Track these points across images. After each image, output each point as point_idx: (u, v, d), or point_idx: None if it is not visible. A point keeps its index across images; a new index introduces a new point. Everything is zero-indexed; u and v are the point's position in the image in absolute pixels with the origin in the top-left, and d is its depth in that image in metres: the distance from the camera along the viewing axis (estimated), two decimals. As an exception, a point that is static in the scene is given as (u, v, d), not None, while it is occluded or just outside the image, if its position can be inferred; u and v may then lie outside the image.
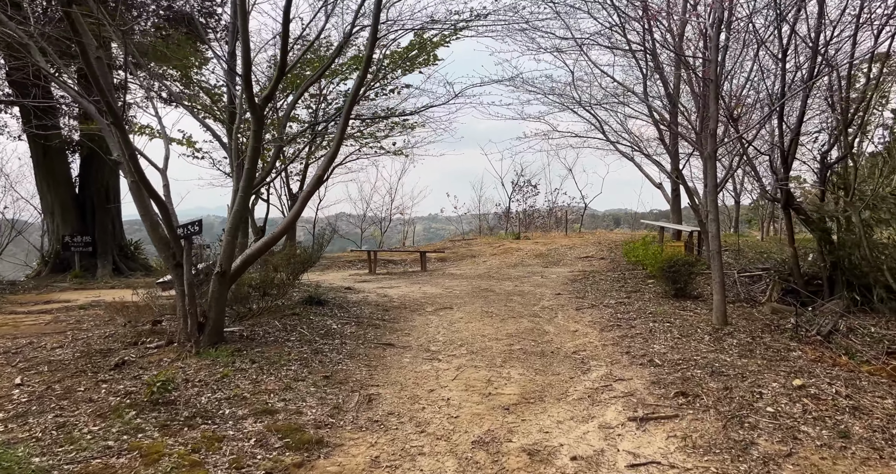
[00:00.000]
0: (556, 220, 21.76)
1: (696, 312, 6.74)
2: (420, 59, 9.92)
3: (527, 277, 10.30)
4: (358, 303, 7.22)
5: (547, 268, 12.07)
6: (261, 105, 4.73)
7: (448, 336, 5.83)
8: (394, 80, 10.25)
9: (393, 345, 5.33)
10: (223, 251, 4.60)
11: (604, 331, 6.06)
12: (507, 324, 6.35)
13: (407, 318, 6.58)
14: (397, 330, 5.97)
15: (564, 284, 9.24)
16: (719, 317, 6.00)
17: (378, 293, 8.28)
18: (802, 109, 6.88)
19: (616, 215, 42.34)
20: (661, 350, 5.28)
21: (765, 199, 16.18)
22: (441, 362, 4.93)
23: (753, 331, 5.90)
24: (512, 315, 6.84)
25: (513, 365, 4.89)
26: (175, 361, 4.15)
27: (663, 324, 6.18)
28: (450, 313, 6.95)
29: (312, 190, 5.05)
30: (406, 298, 7.89)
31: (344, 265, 13.79)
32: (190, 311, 4.35)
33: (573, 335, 5.92)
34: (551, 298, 7.95)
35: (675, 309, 6.95)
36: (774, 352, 5.18)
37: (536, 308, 7.29)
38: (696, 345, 5.42)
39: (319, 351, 4.80)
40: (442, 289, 8.90)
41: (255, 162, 4.76)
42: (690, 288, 7.63)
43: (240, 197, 4.67)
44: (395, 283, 9.79)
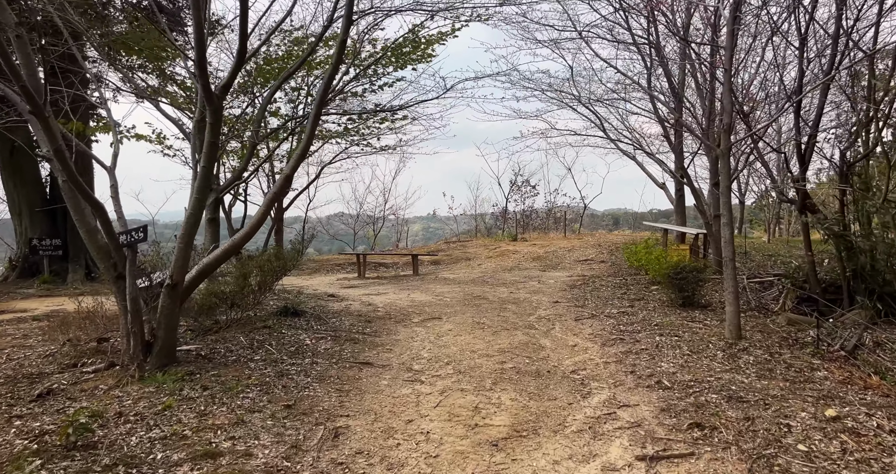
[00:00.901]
0: (555, 221, 21.21)
1: (705, 324, 6.19)
2: (414, 56, 9.38)
3: (523, 282, 9.75)
4: (339, 314, 6.67)
5: (545, 271, 11.52)
6: (218, 95, 4.18)
7: (434, 352, 5.28)
8: (384, 76, 9.69)
9: (371, 363, 4.78)
10: (174, 260, 4.04)
11: (605, 345, 5.52)
12: (499, 338, 5.80)
13: (390, 331, 6.02)
14: (378, 345, 5.42)
15: (563, 291, 8.69)
16: (733, 331, 5.46)
17: (363, 301, 7.72)
18: (821, 103, 6.34)
19: (615, 215, 41.84)
20: (670, 369, 4.74)
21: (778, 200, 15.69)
22: (424, 384, 4.38)
23: (770, 346, 5.36)
24: (505, 326, 6.29)
25: (504, 387, 4.34)
26: (113, 389, 3.60)
27: (671, 337, 5.63)
28: (438, 324, 6.40)
29: (280, 190, 4.50)
30: (392, 307, 7.34)
31: (333, 268, 13.24)
32: (133, 330, 3.80)
33: (572, 350, 5.38)
34: (548, 307, 7.40)
35: (683, 320, 6.40)
36: (797, 372, 4.63)
37: (532, 318, 6.74)
38: (708, 362, 4.88)
39: (285, 373, 4.25)
40: (432, 296, 8.35)
41: (213, 159, 4.21)
42: (699, 296, 7.08)
43: (194, 199, 4.12)
44: (383, 289, 9.24)
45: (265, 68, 8.12)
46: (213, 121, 4.15)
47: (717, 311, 6.90)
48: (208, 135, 4.15)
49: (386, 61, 8.95)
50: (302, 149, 4.54)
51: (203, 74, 3.96)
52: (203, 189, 4.12)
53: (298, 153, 4.55)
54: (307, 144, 4.54)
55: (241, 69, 4.38)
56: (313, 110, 4.56)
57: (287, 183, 4.50)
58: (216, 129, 4.17)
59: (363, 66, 8.67)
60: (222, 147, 7.69)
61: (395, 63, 9.25)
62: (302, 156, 4.55)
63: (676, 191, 12.17)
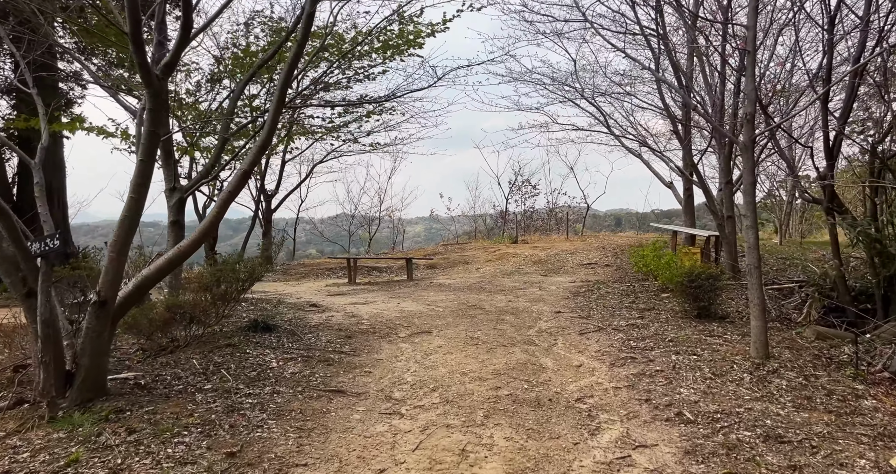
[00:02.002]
0: (557, 222, 20.55)
1: (726, 339, 5.52)
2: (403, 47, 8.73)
3: (523, 289, 9.09)
4: (316, 328, 6.01)
5: (546, 276, 10.86)
6: (160, 75, 3.53)
7: (419, 374, 4.62)
8: (372, 68, 9.04)
9: (344, 391, 4.12)
10: (103, 273, 3.39)
11: (615, 365, 4.85)
12: (494, 356, 5.14)
13: (372, 348, 5.36)
14: (356, 366, 4.76)
15: (565, 299, 8.02)
16: (759, 349, 4.79)
17: (347, 312, 7.06)
18: (851, 93, 5.67)
19: (618, 215, 41.22)
20: (692, 396, 4.07)
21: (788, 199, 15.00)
22: (403, 418, 3.72)
23: (803, 367, 4.69)
24: (502, 342, 5.63)
25: (498, 421, 3.68)
26: (11, 435, 2.95)
27: (688, 356, 4.96)
28: (427, 340, 5.74)
29: (235, 188, 3.84)
30: (378, 319, 6.67)
31: (323, 273, 12.58)
32: (44, 359, 3.15)
33: (577, 372, 4.71)
34: (550, 318, 6.74)
35: (700, 334, 5.73)
36: (840, 401, 3.97)
37: (532, 331, 6.08)
38: (734, 388, 4.21)
39: (237, 407, 3.59)
40: (424, 305, 7.69)
41: (152, 153, 3.56)
42: (715, 306, 6.41)
43: (129, 199, 3.47)
44: (372, 297, 8.58)
45: (244, 61, 7.48)
46: (153, 106, 3.50)
47: (737, 323, 6.23)
48: (147, 124, 3.50)
49: (370, 48, 8.28)
50: (262, 141, 3.89)
51: (139, 50, 3.31)
52: (139, 187, 3.47)
53: (259, 145, 3.89)
54: (268, 135, 3.88)
55: (187, 46, 3.74)
56: (275, 96, 3.91)
57: (244, 179, 3.85)
58: (157, 117, 3.52)
59: (342, 52, 7.99)
60: (195, 142, 7.04)
61: (383, 54, 8.59)
62: (262, 149, 3.90)
63: (685, 191, 11.50)
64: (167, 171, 5.81)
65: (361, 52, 8.06)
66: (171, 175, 5.78)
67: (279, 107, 3.92)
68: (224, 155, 6.87)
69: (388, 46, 8.45)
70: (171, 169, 5.79)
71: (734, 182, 9.43)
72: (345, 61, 7.76)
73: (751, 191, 4.89)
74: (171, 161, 5.78)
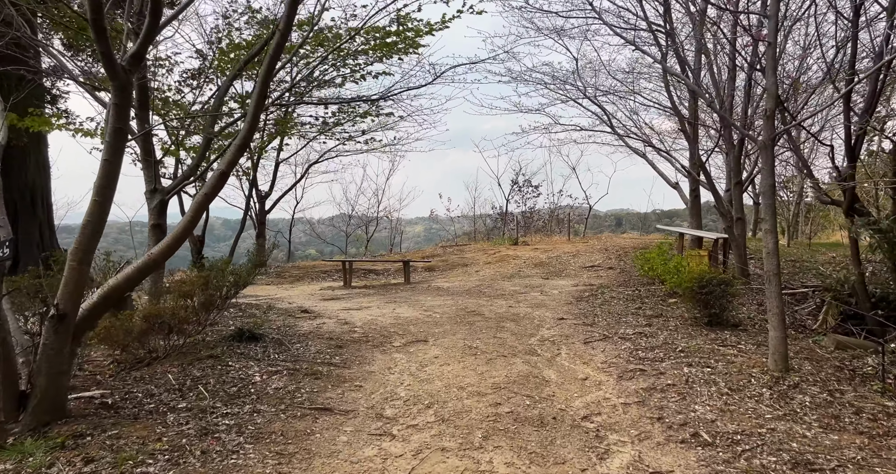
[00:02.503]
0: (558, 223, 20.22)
1: (740, 350, 5.20)
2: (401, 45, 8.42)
3: (524, 293, 8.77)
4: (306, 336, 5.69)
5: (548, 279, 10.53)
6: (126, 67, 3.21)
7: (414, 389, 4.30)
8: (367, 66, 8.72)
9: (331, 409, 3.80)
10: (63, 283, 3.07)
11: (623, 378, 4.53)
12: (494, 367, 4.82)
13: (364, 359, 5.05)
14: (346, 380, 4.44)
15: (568, 304, 7.70)
16: (779, 361, 4.47)
17: (339, 318, 6.75)
18: (875, 88, 5.35)
19: (618, 215, 40.94)
20: (708, 414, 3.75)
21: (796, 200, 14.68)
22: (395, 440, 3.40)
23: (826, 381, 4.37)
24: (502, 351, 5.31)
25: (498, 443, 3.37)
26: (-45, 465, 2.64)
27: (702, 368, 4.64)
28: (423, 349, 5.42)
29: (212, 190, 3.52)
30: (372, 326, 6.36)
31: (318, 276, 12.26)
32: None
33: (582, 386, 4.39)
34: (553, 325, 6.42)
35: (713, 343, 5.41)
36: (871, 420, 3.65)
37: (534, 340, 5.76)
38: (754, 405, 3.89)
39: (211, 429, 3.27)
40: (421, 311, 7.37)
41: (118, 151, 3.24)
42: (727, 314, 6.09)
43: (93, 202, 3.15)
44: (367, 302, 8.26)
45: (230, 56, 7.16)
46: (119, 101, 3.18)
47: (751, 332, 5.91)
48: (112, 120, 3.18)
49: (368, 47, 7.97)
50: (242, 139, 3.57)
51: (100, 37, 2.99)
52: (104, 190, 3.15)
53: (237, 143, 3.58)
54: (248, 133, 3.57)
55: (156, 34, 3.44)
56: (256, 90, 3.60)
57: (221, 181, 3.53)
58: (123, 113, 3.21)
59: (332, 46, 7.66)
60: (181, 142, 6.73)
61: (381, 51, 8.27)
62: (241, 148, 3.58)
63: (691, 192, 11.18)
64: (147, 172, 5.49)
65: (357, 50, 7.74)
66: (152, 176, 5.46)
67: (260, 102, 3.60)
68: (211, 154, 6.55)
69: (385, 45, 8.14)
70: (152, 169, 5.48)
71: (742, 182, 9.12)
72: (339, 58, 7.44)
73: (770, 193, 4.57)
74: (151, 161, 5.46)
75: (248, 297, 8.89)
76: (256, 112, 3.60)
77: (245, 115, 5.70)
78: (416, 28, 8.12)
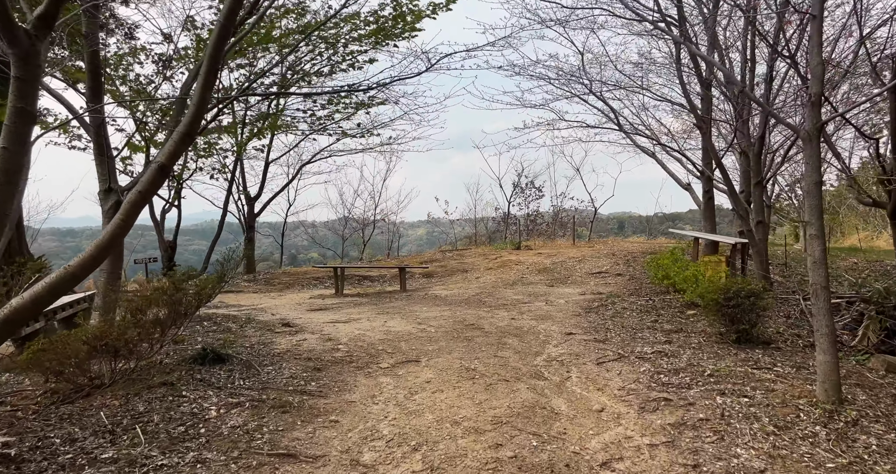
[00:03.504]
0: (562, 226, 19.55)
1: (777, 373, 4.52)
2: (396, 30, 7.79)
3: (527, 303, 8.10)
4: (281, 357, 5.02)
5: (553, 287, 9.87)
6: (32, 32, 2.56)
7: (399, 424, 3.64)
8: (360, 54, 8.09)
9: (295, 455, 3.13)
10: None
11: (645, 410, 3.86)
12: (495, 395, 4.16)
13: (345, 385, 4.38)
14: (319, 413, 3.77)
15: (576, 316, 7.03)
16: (830, 391, 3.79)
17: (324, 333, 6.08)
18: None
19: (621, 219, 40.34)
20: (754, 462, 3.08)
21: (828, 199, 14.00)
22: (370, 499, 2.74)
23: (889, 415, 3.69)
24: (504, 374, 4.64)
25: (499, 503, 2.70)
26: None
27: (738, 398, 3.97)
28: (414, 372, 4.75)
29: (150, 188, 2.87)
30: (359, 343, 5.69)
31: (309, 282, 11.61)
32: None
33: (598, 420, 3.72)
34: (560, 341, 5.75)
35: (744, 365, 4.73)
36: (957, 472, 2.97)
37: (540, 360, 5.09)
38: (809, 449, 3.22)
39: (137, 489, 2.61)
40: (415, 323, 6.71)
41: (21, 138, 2.59)
42: (758, 330, 5.41)
43: (-11, 203, 2.51)
44: (357, 313, 7.60)
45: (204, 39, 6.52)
46: (21, 74, 2.54)
47: (785, 351, 5.23)
48: (12, 98, 2.54)
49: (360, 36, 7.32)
50: (186, 127, 2.92)
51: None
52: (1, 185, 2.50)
53: (181, 131, 2.93)
54: (194, 118, 2.92)
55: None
56: (204, 64, 2.95)
57: (161, 176, 2.88)
58: (26, 89, 2.56)
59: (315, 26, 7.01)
60: (150, 137, 6.08)
61: (374, 37, 7.63)
62: (185, 138, 2.93)
63: (705, 193, 10.52)
64: (101, 169, 4.85)
65: (348, 35, 7.09)
66: (106, 173, 4.82)
67: (208, 82, 2.95)
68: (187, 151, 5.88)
69: (381, 30, 7.51)
70: (106, 165, 4.83)
71: (763, 182, 8.46)
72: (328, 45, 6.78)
73: (816, 191, 3.90)
74: (105, 156, 4.82)
75: (230, 308, 8.25)
76: (204, 94, 2.95)
77: (218, 103, 5.04)
78: (416, 11, 7.48)
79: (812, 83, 3.85)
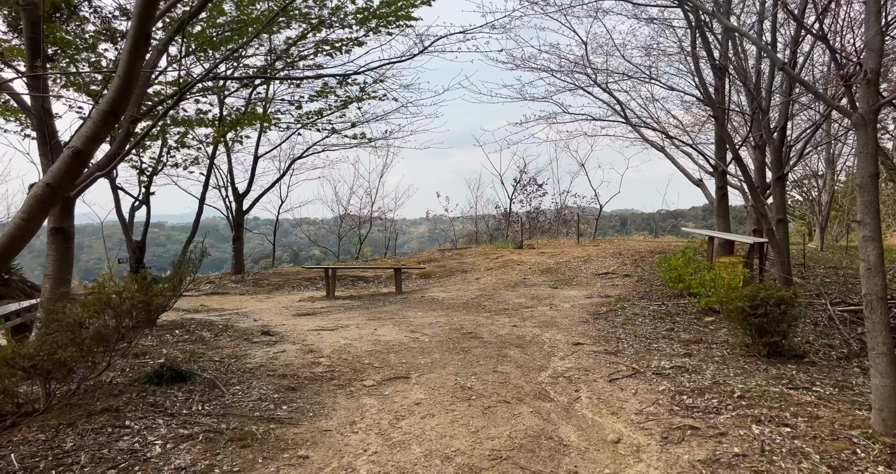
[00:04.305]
0: (564, 223, 18.97)
1: (819, 395, 3.95)
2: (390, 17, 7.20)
3: (530, 308, 7.53)
4: (253, 373, 4.46)
5: (557, 289, 9.30)
6: None
7: (381, 461, 3.07)
8: (350, 42, 7.50)
9: (249, 506, 2.57)
10: None
11: (669, 441, 3.29)
12: (494, 421, 3.59)
13: (322, 408, 3.82)
14: (287, 446, 3.21)
15: (584, 323, 6.46)
16: (889, 420, 3.22)
17: (306, 343, 5.52)
18: None
19: (623, 216, 39.81)
20: (810, 515, 2.51)
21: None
22: None
23: (960, 451, 3.12)
24: (504, 394, 4.08)
25: None
26: None
27: (777, 427, 3.39)
28: (402, 391, 4.19)
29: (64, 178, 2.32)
30: (344, 354, 5.13)
31: (300, 284, 11.05)
32: None
33: (614, 454, 3.16)
34: (567, 352, 5.18)
35: (778, 384, 4.16)
36: None
37: (545, 376, 4.53)
38: (874, 497, 2.65)
39: None
40: (407, 331, 6.15)
41: None
42: (790, 342, 4.84)
43: None
44: (346, 318, 7.04)
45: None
46: None
47: (821, 365, 4.66)
48: None
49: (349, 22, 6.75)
50: (109, 104, 2.38)
51: None
52: None
53: (102, 109, 2.38)
54: (118, 94, 2.37)
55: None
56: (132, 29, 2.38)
57: (76, 164, 2.32)
58: None
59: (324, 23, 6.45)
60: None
61: (365, 20, 7.05)
62: (108, 118, 2.37)
63: (718, 190, 9.93)
64: (44, 160, 4.30)
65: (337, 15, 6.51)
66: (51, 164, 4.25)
67: (137, 47, 2.38)
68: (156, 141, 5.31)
69: (374, 15, 6.93)
70: (50, 157, 4.27)
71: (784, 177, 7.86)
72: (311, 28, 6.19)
73: (871, 186, 3.32)
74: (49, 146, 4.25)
75: (211, 312, 7.70)
76: (132, 64, 2.38)
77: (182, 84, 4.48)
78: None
79: (868, 58, 3.27)
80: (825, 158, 13.65)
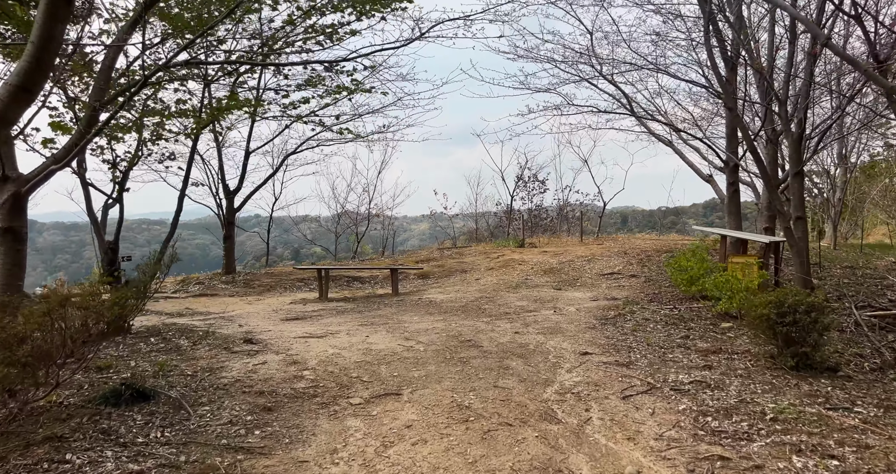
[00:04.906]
0: (567, 221, 18.50)
1: (862, 416, 3.50)
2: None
3: (533, 312, 7.08)
4: (226, 390, 4.01)
5: (561, 291, 8.86)
6: None
7: (361, 502, 2.63)
8: (343, 27, 7.04)
9: None
10: None
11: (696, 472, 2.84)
12: (494, 448, 3.15)
13: (300, 433, 3.38)
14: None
15: (591, 329, 6.02)
16: (952, 453, 2.77)
17: (290, 353, 5.08)
18: None
19: (624, 213, 39.38)
20: None
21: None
22: None
23: None
24: (506, 415, 3.63)
25: None
26: None
27: (821, 458, 2.95)
28: (392, 411, 3.75)
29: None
30: (330, 366, 4.69)
31: (293, 284, 10.61)
32: None
33: (636, 493, 2.71)
34: (574, 364, 4.74)
35: (813, 402, 3.72)
36: None
37: (551, 392, 4.08)
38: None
39: None
40: (401, 338, 5.70)
41: None
42: (822, 354, 4.39)
43: None
44: (337, 323, 6.60)
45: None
46: None
47: (858, 380, 4.22)
48: None
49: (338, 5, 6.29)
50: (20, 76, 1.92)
51: None
52: None
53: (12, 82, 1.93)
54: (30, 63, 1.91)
55: None
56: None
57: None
58: None
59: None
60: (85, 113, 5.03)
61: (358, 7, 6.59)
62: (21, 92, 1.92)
63: (729, 186, 9.50)
64: None
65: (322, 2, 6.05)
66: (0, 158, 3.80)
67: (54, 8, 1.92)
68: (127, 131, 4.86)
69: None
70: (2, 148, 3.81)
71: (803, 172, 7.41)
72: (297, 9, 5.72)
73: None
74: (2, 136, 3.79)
75: (195, 316, 7.26)
76: (49, 27, 1.91)
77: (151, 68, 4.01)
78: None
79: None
80: (837, 153, 13.18)
